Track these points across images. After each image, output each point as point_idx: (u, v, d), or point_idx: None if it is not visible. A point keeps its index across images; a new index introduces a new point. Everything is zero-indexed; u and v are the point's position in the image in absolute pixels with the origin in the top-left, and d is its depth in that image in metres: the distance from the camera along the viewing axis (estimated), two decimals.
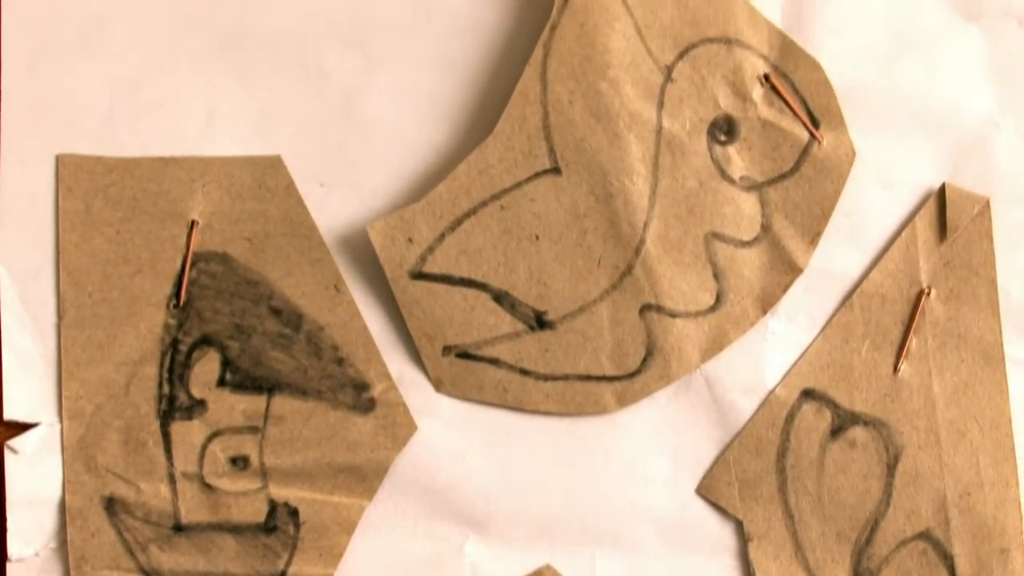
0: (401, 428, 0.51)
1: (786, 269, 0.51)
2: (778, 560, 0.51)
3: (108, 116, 0.51)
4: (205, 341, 0.51)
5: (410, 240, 0.51)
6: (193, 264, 0.51)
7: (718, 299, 0.51)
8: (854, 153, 0.51)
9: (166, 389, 0.51)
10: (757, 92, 0.51)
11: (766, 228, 0.51)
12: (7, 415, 0.51)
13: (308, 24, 0.52)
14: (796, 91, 0.51)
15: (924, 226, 0.52)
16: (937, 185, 0.52)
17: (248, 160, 0.51)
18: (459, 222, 0.51)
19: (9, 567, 0.50)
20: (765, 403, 0.52)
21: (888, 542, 0.51)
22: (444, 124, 0.52)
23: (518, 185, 0.51)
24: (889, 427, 0.51)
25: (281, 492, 0.51)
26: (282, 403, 0.51)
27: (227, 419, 0.51)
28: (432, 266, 0.51)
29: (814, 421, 0.51)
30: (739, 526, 0.51)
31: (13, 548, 0.50)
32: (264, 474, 0.51)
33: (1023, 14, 0.52)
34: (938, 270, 0.52)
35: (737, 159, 0.51)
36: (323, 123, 0.52)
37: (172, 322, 0.51)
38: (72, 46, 0.52)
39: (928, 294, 0.51)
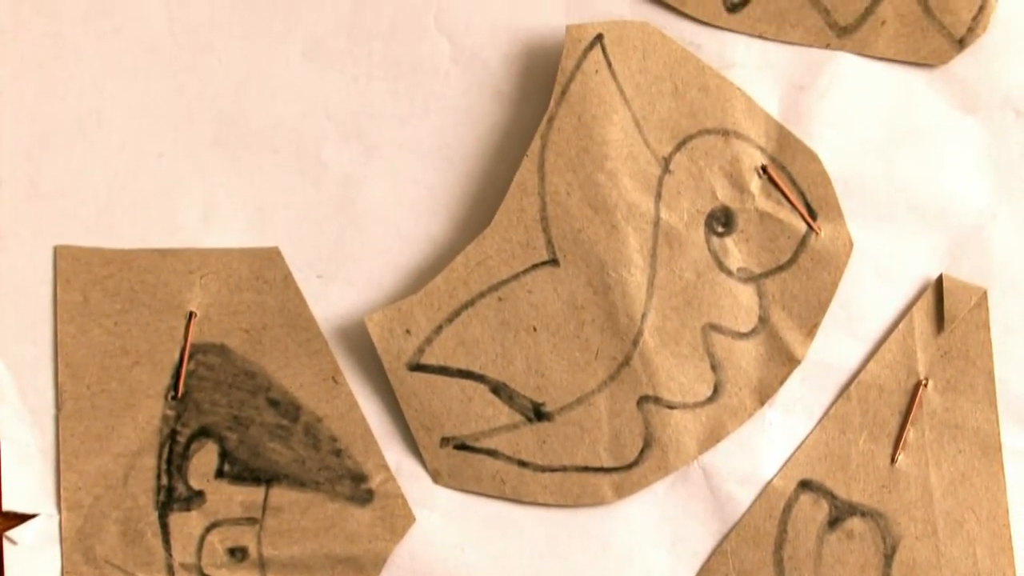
0: (399, 519, 0.52)
1: (784, 360, 0.52)
2: None
3: (105, 207, 0.52)
4: (203, 432, 0.51)
5: (408, 332, 0.51)
6: (191, 356, 0.51)
7: (716, 390, 0.51)
8: (852, 244, 0.51)
9: (164, 480, 0.51)
10: (755, 183, 0.51)
11: (764, 320, 0.52)
12: (6, 506, 0.51)
13: (305, 116, 0.52)
14: (794, 182, 0.52)
15: (922, 317, 0.52)
16: (935, 276, 0.52)
17: (246, 252, 0.52)
18: (457, 314, 0.51)
19: None
20: (763, 494, 0.52)
21: None
22: (442, 215, 0.52)
23: (516, 276, 0.51)
24: (886, 518, 0.51)
25: None
26: (280, 494, 0.51)
27: (225, 510, 0.51)
28: (430, 358, 0.51)
29: (811, 512, 0.52)
30: None
31: None
32: (262, 565, 0.51)
33: (1021, 105, 0.52)
34: (935, 361, 0.52)
35: (735, 250, 0.51)
36: (321, 214, 0.52)
37: (170, 413, 0.51)
38: (70, 137, 0.52)
39: (925, 385, 0.52)
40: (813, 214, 0.52)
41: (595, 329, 0.51)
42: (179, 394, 0.51)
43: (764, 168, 0.52)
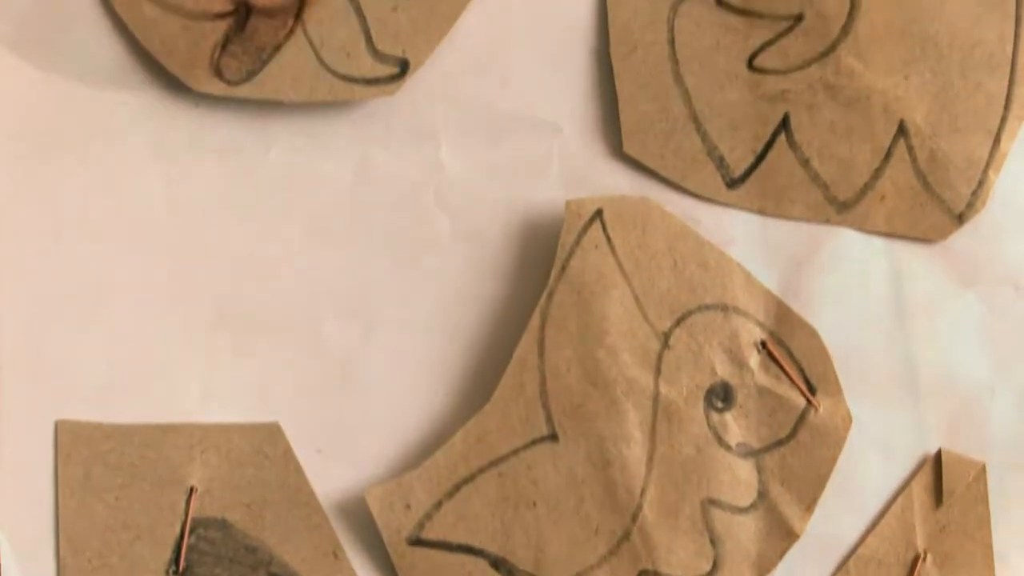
0: None
1: (783, 535, 0.52)
2: None
3: (106, 382, 0.52)
4: None
5: (408, 507, 0.52)
6: (192, 530, 0.52)
7: (715, 565, 0.52)
8: (851, 419, 0.52)
9: None
10: (754, 359, 0.52)
11: (763, 495, 0.52)
12: None
13: (305, 293, 0.52)
14: (793, 358, 0.52)
15: (920, 491, 0.52)
16: (933, 450, 0.53)
17: (246, 427, 0.52)
18: (457, 489, 0.52)
19: None
20: None
21: None
22: (441, 391, 0.53)
23: (516, 452, 0.52)
24: None
25: None
26: None
27: None
28: (430, 532, 0.52)
29: None
30: None
31: None
32: None
33: (1020, 280, 0.52)
34: (934, 535, 0.52)
35: (734, 426, 0.52)
36: (321, 390, 0.52)
37: None
38: (70, 312, 0.52)
39: (924, 559, 0.52)
40: (812, 389, 0.52)
41: (595, 504, 0.52)
42: (180, 569, 0.52)
43: (763, 343, 0.52)
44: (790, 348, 0.52)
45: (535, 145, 0.53)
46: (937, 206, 0.52)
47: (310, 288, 0.52)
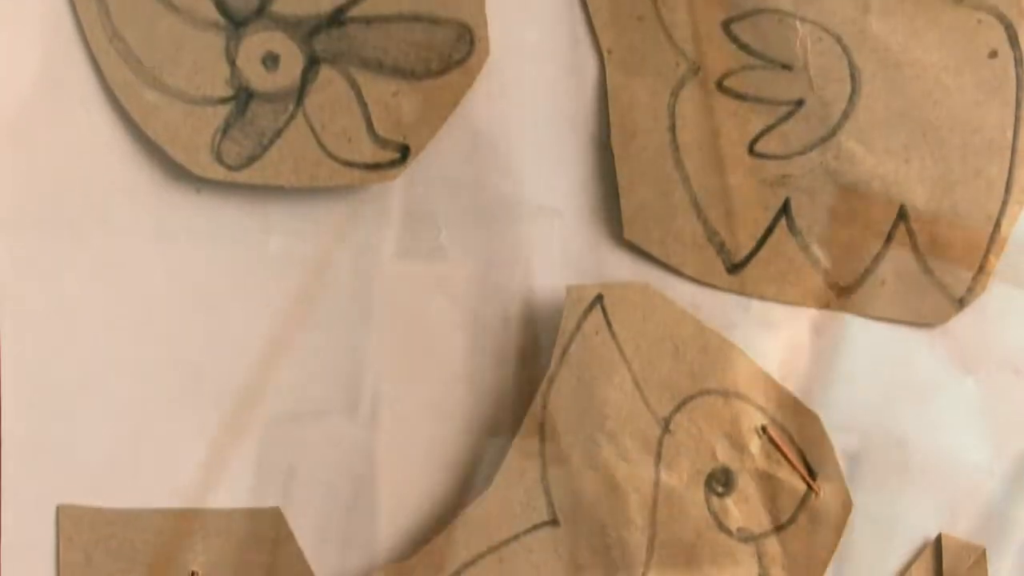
0: None
1: None
2: None
3: (108, 467, 0.52)
4: None
5: None
6: None
7: None
8: (851, 504, 0.52)
9: None
10: (755, 444, 0.52)
11: None
12: None
13: (306, 376, 0.53)
14: (793, 442, 0.52)
15: (921, 575, 0.52)
16: (933, 534, 0.53)
17: (248, 512, 0.52)
18: (458, 573, 0.52)
19: None
20: None
21: None
22: (443, 475, 0.53)
23: (516, 537, 0.52)
24: None
25: None
26: None
27: None
28: None
29: None
30: None
31: None
32: None
33: (1020, 364, 0.52)
34: None
35: (734, 511, 0.52)
36: (322, 473, 0.53)
37: None
38: (72, 397, 0.52)
39: None
40: (813, 474, 0.52)
41: None
42: None
43: (764, 428, 0.52)
44: (791, 433, 0.52)
45: (536, 230, 0.53)
46: (938, 290, 0.52)
47: (311, 371, 0.52)
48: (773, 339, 0.53)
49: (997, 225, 0.52)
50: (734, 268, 0.53)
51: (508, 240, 0.53)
